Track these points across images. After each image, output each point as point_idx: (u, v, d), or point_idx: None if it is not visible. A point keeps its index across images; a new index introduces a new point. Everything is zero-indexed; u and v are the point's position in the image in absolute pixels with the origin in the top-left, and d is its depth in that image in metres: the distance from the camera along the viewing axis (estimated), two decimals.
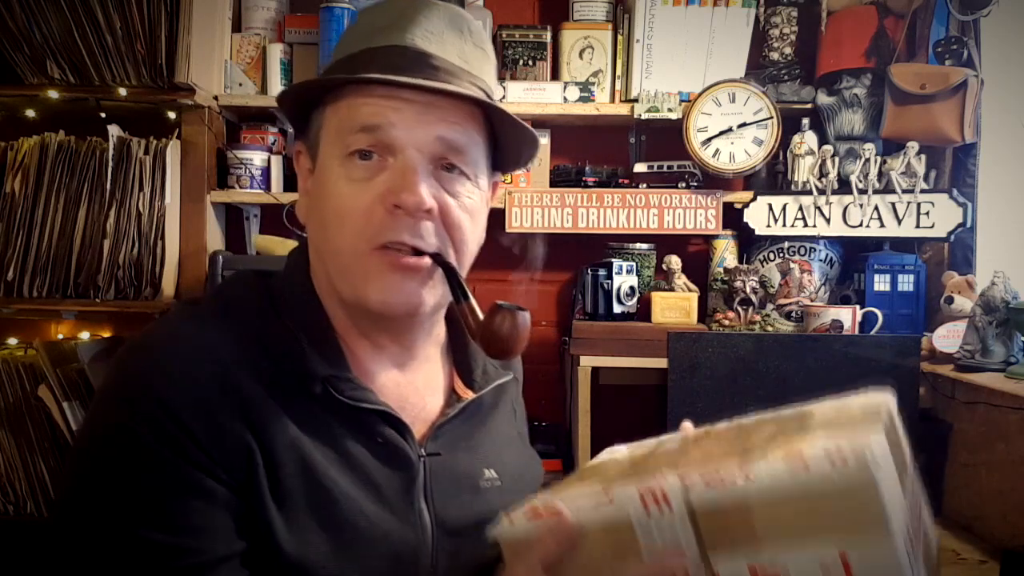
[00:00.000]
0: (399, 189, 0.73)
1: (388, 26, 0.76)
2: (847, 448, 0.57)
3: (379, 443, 0.76)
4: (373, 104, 0.73)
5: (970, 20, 1.85)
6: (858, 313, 1.85)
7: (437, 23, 0.77)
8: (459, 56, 0.78)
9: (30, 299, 1.89)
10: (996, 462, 1.58)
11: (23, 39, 1.85)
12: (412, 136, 0.74)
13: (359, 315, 0.78)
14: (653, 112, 2.02)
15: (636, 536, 0.62)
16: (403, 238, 0.74)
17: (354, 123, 0.74)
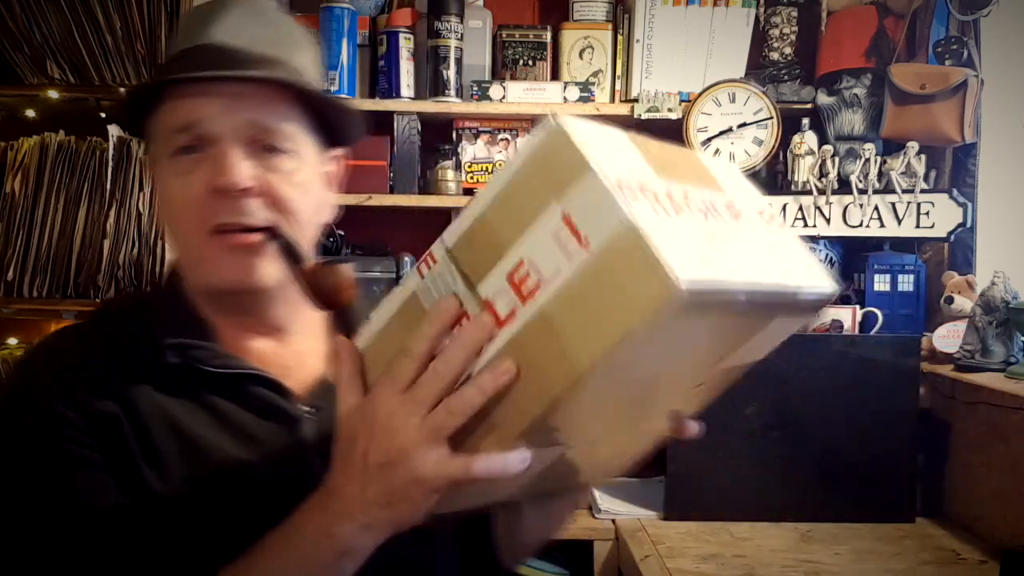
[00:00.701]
0: (216, 174, 0.78)
1: (195, 28, 0.83)
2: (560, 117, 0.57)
3: (257, 404, 0.81)
4: (185, 104, 0.79)
5: (970, 20, 1.85)
6: (858, 313, 1.85)
7: (239, 17, 0.83)
8: (269, 44, 0.83)
9: (30, 299, 1.89)
10: (996, 462, 1.58)
11: (23, 39, 1.85)
12: (223, 125, 0.79)
13: (217, 300, 0.84)
14: (653, 112, 2.02)
15: (421, 304, 0.62)
16: (230, 218, 0.78)
17: (172, 124, 0.79)
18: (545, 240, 0.55)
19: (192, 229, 0.79)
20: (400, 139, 2.02)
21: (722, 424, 1.68)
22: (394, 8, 2.10)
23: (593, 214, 0.53)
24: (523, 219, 0.56)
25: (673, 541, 1.60)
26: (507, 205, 0.58)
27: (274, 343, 0.87)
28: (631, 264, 0.51)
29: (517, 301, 0.57)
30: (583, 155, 0.54)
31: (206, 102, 0.78)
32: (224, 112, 0.79)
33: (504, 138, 2.08)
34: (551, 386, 0.57)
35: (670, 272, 0.50)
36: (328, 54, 1.97)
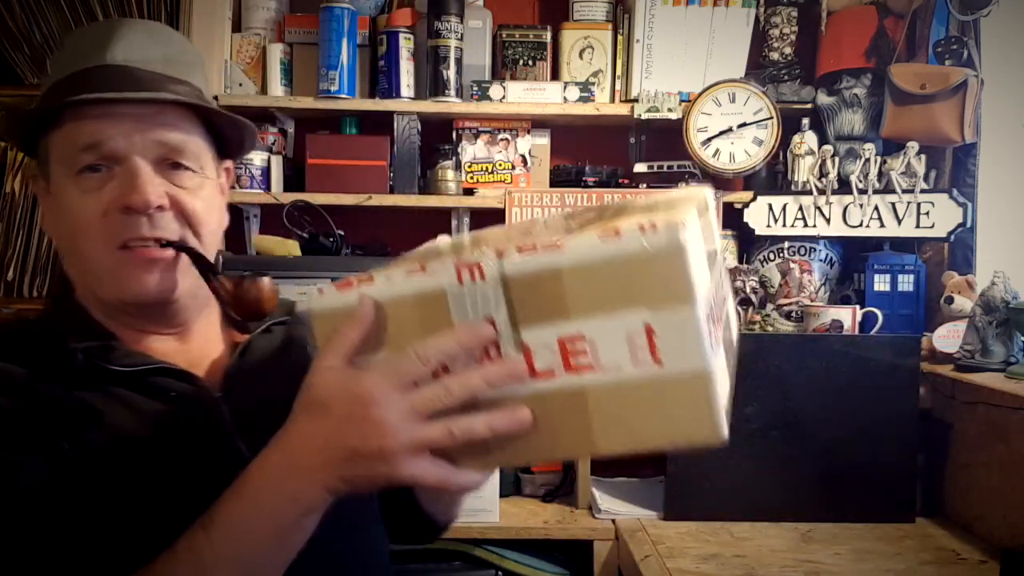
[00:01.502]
0: (128, 192, 0.80)
1: (91, 48, 0.84)
2: (660, 220, 0.57)
3: (173, 396, 0.83)
4: (90, 123, 0.80)
5: (970, 20, 1.85)
6: (858, 313, 1.85)
7: (137, 37, 0.85)
8: (165, 64, 0.86)
9: (30, 299, 1.89)
10: (996, 462, 1.58)
11: (23, 39, 1.86)
12: (132, 144, 0.81)
13: (122, 311, 0.86)
14: (653, 112, 2.02)
15: (448, 307, 0.62)
16: (143, 232, 0.81)
17: (77, 144, 0.81)
18: (617, 334, 0.58)
19: (100, 245, 0.81)
20: (400, 139, 2.02)
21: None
22: (394, 8, 2.09)
23: (678, 344, 0.58)
24: (603, 301, 0.59)
25: (673, 541, 1.60)
26: (592, 279, 0.59)
27: (176, 342, 0.90)
28: (693, 402, 0.58)
29: (561, 365, 0.60)
30: (692, 286, 0.57)
31: (113, 123, 0.81)
32: (135, 131, 0.81)
33: (504, 138, 2.08)
34: (561, 448, 0.62)
35: (720, 426, 0.59)
36: (328, 54, 1.97)
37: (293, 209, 1.94)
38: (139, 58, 0.84)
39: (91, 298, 0.87)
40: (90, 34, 0.86)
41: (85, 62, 0.83)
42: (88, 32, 0.88)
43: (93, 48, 0.84)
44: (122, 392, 0.81)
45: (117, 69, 0.83)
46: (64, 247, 0.86)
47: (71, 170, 0.81)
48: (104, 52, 0.83)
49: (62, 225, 0.84)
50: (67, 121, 0.81)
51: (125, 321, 0.87)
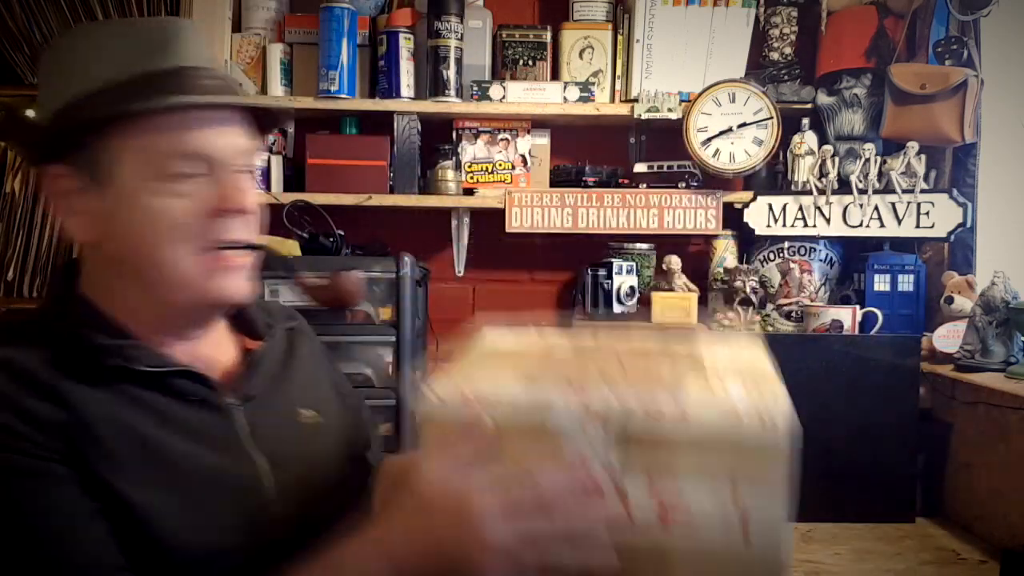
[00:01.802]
0: (229, 197, 0.81)
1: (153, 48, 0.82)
2: (775, 412, 0.67)
3: (191, 400, 0.82)
4: (198, 131, 0.80)
5: (970, 20, 1.85)
6: (858, 313, 1.85)
7: (195, 37, 0.85)
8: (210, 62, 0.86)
9: (30, 299, 1.89)
10: (996, 462, 1.58)
11: (23, 39, 1.86)
12: (224, 150, 0.82)
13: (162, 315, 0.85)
14: (653, 112, 2.02)
15: (562, 443, 0.66)
16: (238, 235, 0.83)
17: (175, 149, 0.79)
18: (715, 504, 0.65)
19: (190, 247, 0.81)
20: (400, 139, 2.02)
21: None
22: (394, 8, 2.10)
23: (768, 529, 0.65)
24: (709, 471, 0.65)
25: None
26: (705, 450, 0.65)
27: (191, 345, 0.88)
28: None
29: (656, 520, 0.65)
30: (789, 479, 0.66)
31: (213, 129, 0.81)
32: (222, 136, 0.82)
33: (504, 138, 2.08)
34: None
35: None
36: (328, 54, 1.97)
37: (293, 209, 1.94)
38: (204, 59, 0.84)
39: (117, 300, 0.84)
40: (143, 32, 0.83)
41: (151, 63, 0.81)
42: (138, 30, 0.84)
43: (156, 48, 0.81)
44: (145, 395, 0.80)
45: (200, 72, 0.82)
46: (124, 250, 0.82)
47: (160, 173, 0.79)
48: (175, 53, 0.82)
49: (134, 227, 0.81)
50: (155, 123, 0.79)
51: (153, 325, 0.85)
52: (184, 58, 0.82)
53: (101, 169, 0.81)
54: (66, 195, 0.83)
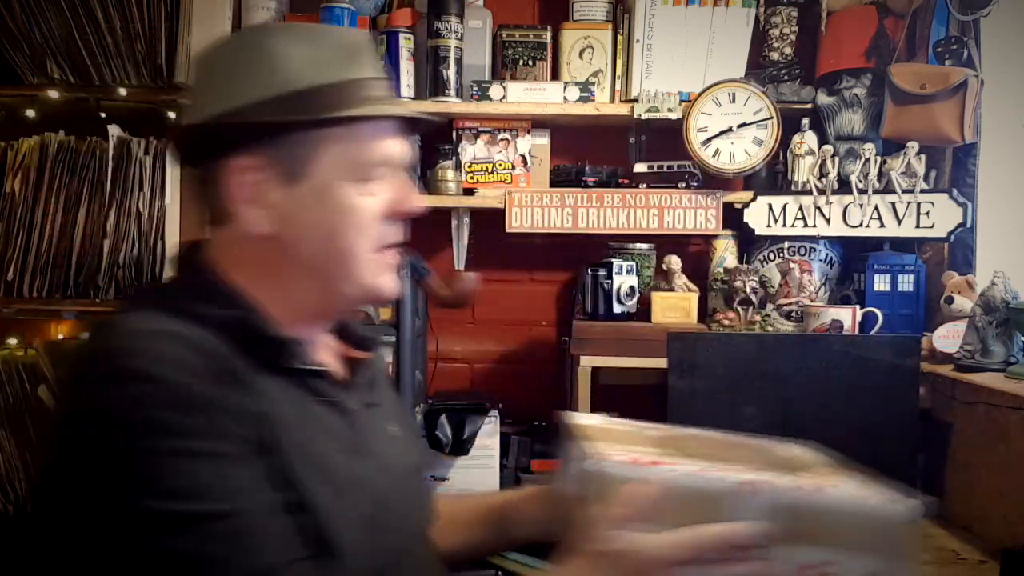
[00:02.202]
0: (406, 201, 0.90)
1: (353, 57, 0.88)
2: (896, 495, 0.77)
3: (328, 402, 0.87)
4: (389, 139, 0.89)
5: (970, 20, 1.85)
6: (858, 313, 1.85)
7: (374, 49, 0.92)
8: None
9: (30, 299, 1.89)
10: (996, 462, 1.58)
11: (23, 39, 1.85)
12: (402, 157, 0.92)
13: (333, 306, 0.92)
14: (653, 112, 2.02)
15: (722, 508, 0.74)
16: (400, 239, 0.92)
17: (377, 156, 0.88)
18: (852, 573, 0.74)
19: (371, 244, 0.88)
20: None
21: (723, 424, 1.68)
22: (394, 8, 2.10)
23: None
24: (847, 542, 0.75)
25: None
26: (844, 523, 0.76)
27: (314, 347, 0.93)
28: None
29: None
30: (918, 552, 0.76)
31: (398, 138, 0.91)
32: (403, 145, 0.92)
33: (504, 138, 2.08)
34: None
35: None
36: None
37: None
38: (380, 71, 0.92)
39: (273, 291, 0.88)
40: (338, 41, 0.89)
41: (353, 71, 0.87)
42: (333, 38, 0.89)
43: (354, 57, 0.88)
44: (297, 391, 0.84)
45: (384, 84, 0.91)
46: (312, 242, 0.87)
47: (357, 175, 0.87)
48: (368, 64, 0.89)
49: (325, 222, 0.86)
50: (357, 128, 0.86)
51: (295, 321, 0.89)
52: (372, 70, 0.89)
53: (297, 165, 0.86)
54: (252, 185, 0.86)
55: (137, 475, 0.70)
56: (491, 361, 2.25)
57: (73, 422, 0.74)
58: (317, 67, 0.85)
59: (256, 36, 0.90)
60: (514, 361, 2.25)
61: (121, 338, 0.76)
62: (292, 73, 0.85)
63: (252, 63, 0.86)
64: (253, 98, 0.84)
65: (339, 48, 0.87)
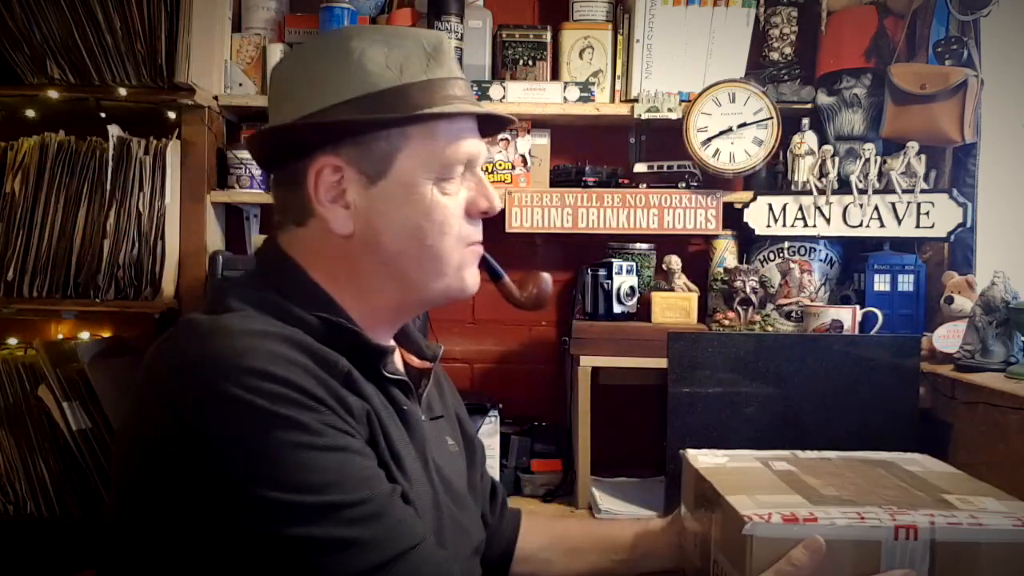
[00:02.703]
0: (486, 200, 0.93)
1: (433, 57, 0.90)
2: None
3: (403, 410, 0.88)
4: (469, 138, 0.91)
5: (970, 20, 1.85)
6: (858, 313, 1.85)
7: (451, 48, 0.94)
8: None
9: (30, 299, 1.89)
10: (996, 462, 1.58)
11: (23, 39, 1.85)
12: (480, 156, 0.94)
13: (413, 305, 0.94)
14: (653, 112, 2.02)
15: (880, 556, 0.77)
16: (479, 238, 0.94)
17: (458, 155, 0.89)
18: None
19: (456, 242, 0.90)
20: None
21: (722, 424, 1.68)
22: (394, 8, 2.10)
23: None
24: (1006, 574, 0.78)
25: None
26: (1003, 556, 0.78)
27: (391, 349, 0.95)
28: None
29: None
30: None
31: (477, 137, 0.93)
32: (483, 146, 0.94)
33: (504, 138, 2.08)
34: None
35: None
36: None
37: None
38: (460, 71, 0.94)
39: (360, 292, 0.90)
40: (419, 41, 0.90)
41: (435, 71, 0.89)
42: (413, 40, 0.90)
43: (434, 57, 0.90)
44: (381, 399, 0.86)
45: (464, 84, 0.93)
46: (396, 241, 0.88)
47: (439, 174, 0.88)
48: (448, 64, 0.91)
49: (410, 221, 0.88)
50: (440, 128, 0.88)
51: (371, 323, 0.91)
52: (453, 70, 0.92)
53: (380, 164, 0.87)
54: (336, 185, 0.88)
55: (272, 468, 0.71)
56: (491, 361, 2.25)
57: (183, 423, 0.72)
58: (398, 67, 0.87)
59: (338, 39, 0.90)
60: (514, 361, 2.25)
61: (231, 338, 0.75)
62: (374, 74, 0.86)
63: (334, 65, 0.87)
64: (336, 100, 0.85)
65: (419, 49, 0.89)
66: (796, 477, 0.95)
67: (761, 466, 1.02)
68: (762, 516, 0.81)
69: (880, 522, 0.79)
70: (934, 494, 0.89)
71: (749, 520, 0.81)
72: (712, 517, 0.93)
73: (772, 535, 0.80)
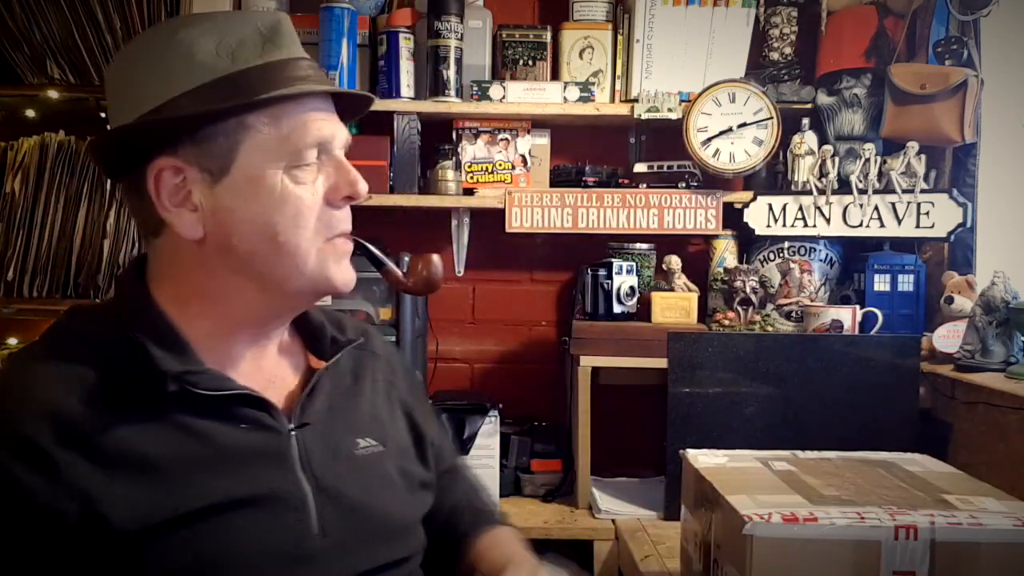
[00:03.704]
0: (349, 184, 0.85)
1: (264, 40, 0.82)
2: None
3: (245, 423, 0.81)
4: (319, 119, 0.83)
5: (970, 20, 1.85)
6: (858, 313, 1.85)
7: (291, 27, 0.86)
8: None
9: (30, 299, 1.90)
10: (996, 462, 1.57)
11: (23, 39, 1.85)
12: (338, 138, 0.86)
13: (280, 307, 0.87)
14: (653, 112, 2.02)
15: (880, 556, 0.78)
16: (347, 226, 0.87)
17: (306, 139, 0.82)
18: None
19: (314, 236, 0.83)
20: (400, 139, 2.02)
21: (722, 424, 1.68)
22: (394, 8, 2.09)
23: None
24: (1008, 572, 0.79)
25: (673, 541, 1.60)
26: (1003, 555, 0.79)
27: (258, 357, 0.88)
28: None
29: None
30: None
31: (332, 119, 0.85)
32: (336, 125, 0.86)
33: (504, 138, 2.08)
34: None
35: None
36: (328, 54, 1.97)
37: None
38: (302, 52, 0.86)
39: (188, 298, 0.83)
40: (257, 23, 0.83)
41: (273, 53, 0.82)
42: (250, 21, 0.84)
43: (266, 40, 0.82)
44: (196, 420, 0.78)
45: (307, 63, 0.84)
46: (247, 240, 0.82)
47: (288, 162, 0.81)
48: (291, 45, 0.83)
49: (260, 217, 0.81)
50: (283, 112, 0.81)
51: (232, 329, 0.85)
52: (293, 51, 0.83)
53: (221, 158, 0.80)
54: (176, 190, 0.81)
55: None
56: (491, 361, 2.25)
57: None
58: (229, 54, 0.80)
59: (165, 31, 0.84)
60: (514, 361, 2.25)
61: None
62: (205, 65, 0.80)
63: (164, 60, 0.81)
64: (167, 95, 0.79)
65: (254, 32, 0.82)
66: (796, 477, 0.95)
67: (761, 466, 1.02)
68: (762, 516, 0.81)
69: (880, 522, 0.80)
70: (934, 494, 0.89)
71: (749, 520, 0.81)
72: (712, 517, 0.93)
73: (772, 535, 0.80)
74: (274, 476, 0.81)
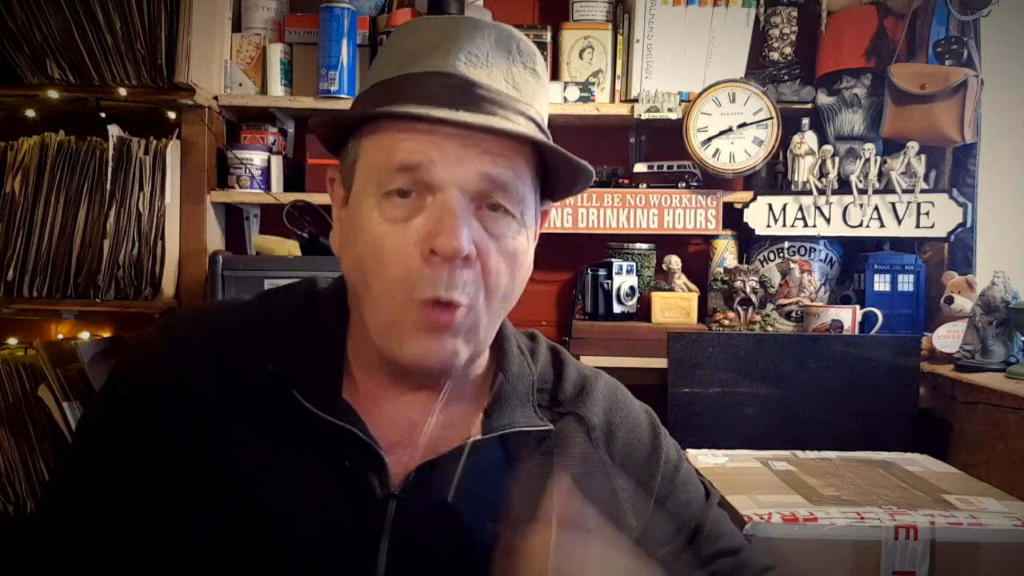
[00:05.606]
0: (436, 233, 0.65)
1: (428, 49, 0.70)
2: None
3: (345, 467, 0.70)
4: (413, 140, 0.66)
5: (970, 20, 1.85)
6: (858, 313, 1.85)
7: (482, 44, 0.71)
8: (507, 81, 0.71)
9: (30, 299, 1.89)
10: (996, 462, 1.58)
11: (23, 39, 1.85)
12: (453, 174, 0.66)
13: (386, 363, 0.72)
14: (653, 112, 2.02)
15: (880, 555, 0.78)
16: (439, 294, 0.66)
17: (392, 161, 0.67)
18: None
19: (395, 289, 0.67)
20: None
21: (722, 424, 1.68)
22: (394, 8, 2.09)
23: None
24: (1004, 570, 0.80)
25: None
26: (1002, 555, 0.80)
27: (410, 410, 0.74)
28: None
29: None
30: None
31: (440, 142, 0.66)
32: (459, 159, 0.66)
33: None
34: None
35: None
36: (328, 54, 1.97)
37: (293, 209, 1.94)
38: (483, 69, 0.70)
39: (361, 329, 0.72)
40: (429, 31, 0.71)
41: (419, 65, 0.69)
42: (426, 28, 0.72)
43: (431, 49, 0.69)
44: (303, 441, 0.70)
45: (454, 80, 0.68)
46: (351, 272, 0.71)
47: (377, 189, 0.67)
48: (444, 57, 0.69)
49: (355, 249, 0.69)
50: (386, 130, 0.68)
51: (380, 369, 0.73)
52: (453, 65, 0.69)
53: (351, 177, 0.71)
54: (336, 202, 0.75)
55: None
56: None
57: None
58: (400, 60, 0.70)
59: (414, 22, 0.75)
60: None
61: None
62: (378, 67, 0.72)
63: (380, 53, 0.74)
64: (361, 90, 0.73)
65: (429, 40, 0.70)
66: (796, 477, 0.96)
67: (761, 466, 1.02)
68: (762, 516, 0.81)
69: (880, 522, 0.80)
70: (934, 494, 0.89)
71: (749, 520, 0.81)
72: None
73: (772, 535, 0.80)
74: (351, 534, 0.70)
